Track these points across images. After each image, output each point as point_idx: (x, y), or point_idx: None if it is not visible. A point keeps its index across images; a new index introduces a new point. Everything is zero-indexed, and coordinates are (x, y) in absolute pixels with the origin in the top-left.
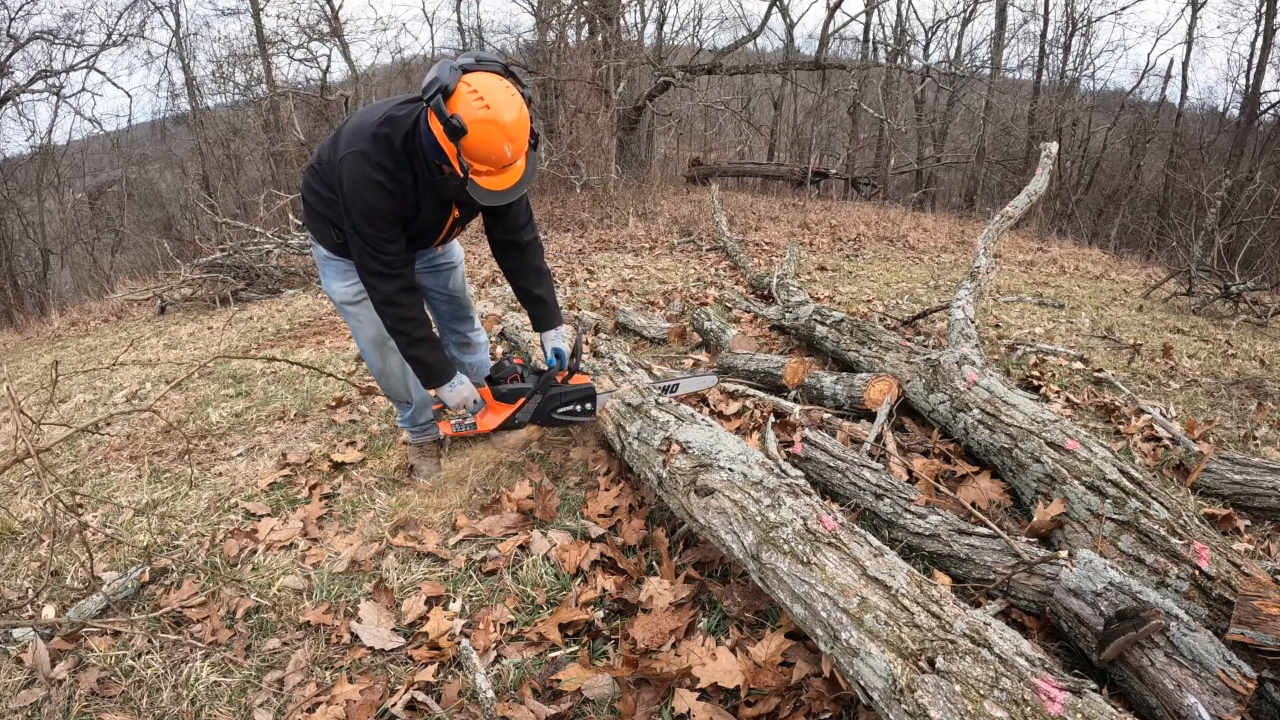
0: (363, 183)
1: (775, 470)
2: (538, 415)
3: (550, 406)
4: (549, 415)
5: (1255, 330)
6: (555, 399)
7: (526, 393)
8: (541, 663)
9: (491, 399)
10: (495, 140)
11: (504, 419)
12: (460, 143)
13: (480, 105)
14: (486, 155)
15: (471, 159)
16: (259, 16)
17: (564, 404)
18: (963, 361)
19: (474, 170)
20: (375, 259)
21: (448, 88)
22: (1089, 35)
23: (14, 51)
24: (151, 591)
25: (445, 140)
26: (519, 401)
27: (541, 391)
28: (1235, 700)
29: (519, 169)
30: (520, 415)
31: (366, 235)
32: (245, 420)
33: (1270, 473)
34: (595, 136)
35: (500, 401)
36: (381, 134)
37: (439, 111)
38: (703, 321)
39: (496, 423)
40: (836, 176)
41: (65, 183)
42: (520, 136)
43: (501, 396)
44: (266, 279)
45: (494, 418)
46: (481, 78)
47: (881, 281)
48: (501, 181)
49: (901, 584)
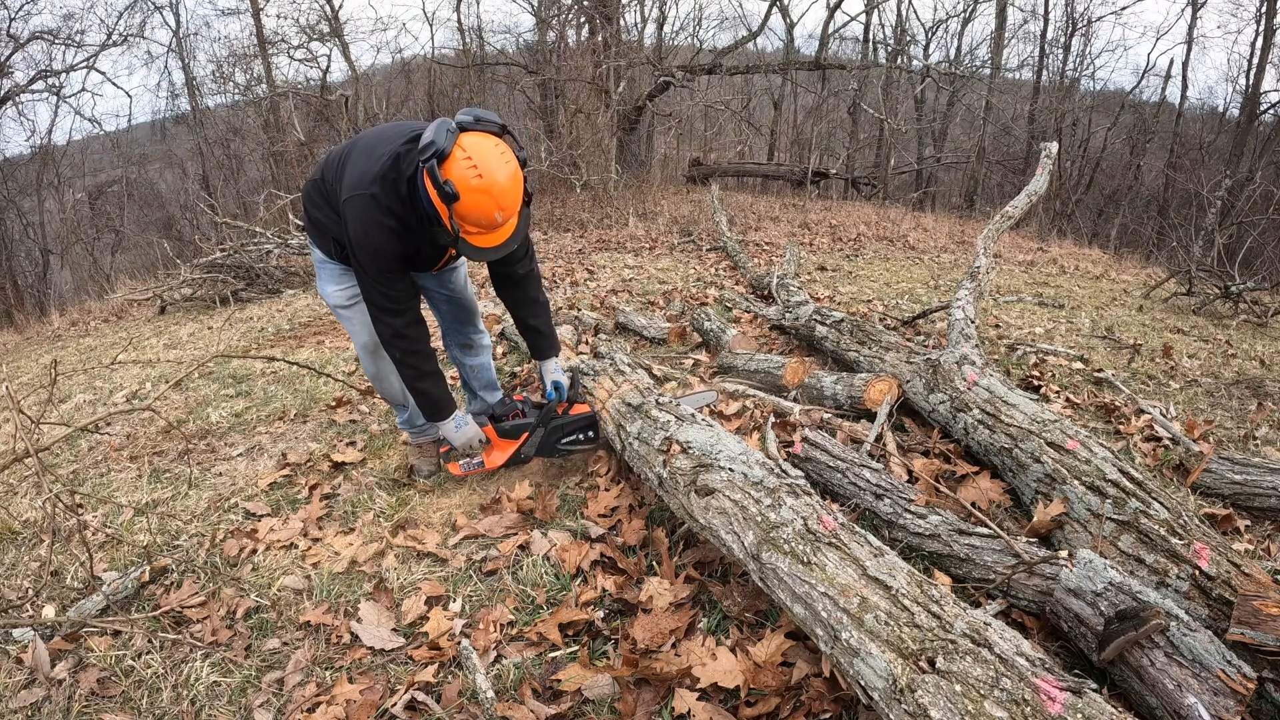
0: (372, 227)
1: (776, 470)
2: (542, 448)
3: (554, 438)
4: (553, 447)
5: (1255, 330)
6: (558, 430)
7: (530, 427)
8: (541, 663)
9: (496, 436)
10: (486, 207)
11: (510, 455)
12: (453, 207)
13: (474, 173)
14: (478, 219)
15: (463, 221)
16: (259, 16)
17: (567, 434)
18: (963, 361)
19: (465, 231)
20: (383, 295)
21: (443, 152)
22: (1089, 35)
23: (14, 51)
24: (151, 591)
25: (439, 203)
26: (523, 437)
27: (544, 424)
28: (1235, 700)
29: (510, 228)
30: (525, 450)
31: (374, 274)
32: (245, 420)
33: (1270, 473)
34: (595, 136)
35: (504, 438)
36: (390, 179)
37: (433, 175)
38: (703, 321)
39: (503, 459)
40: (836, 176)
41: (65, 183)
42: (511, 203)
43: (505, 433)
44: (266, 279)
45: (500, 455)
46: (476, 141)
47: (881, 281)
48: (492, 240)
49: (902, 584)
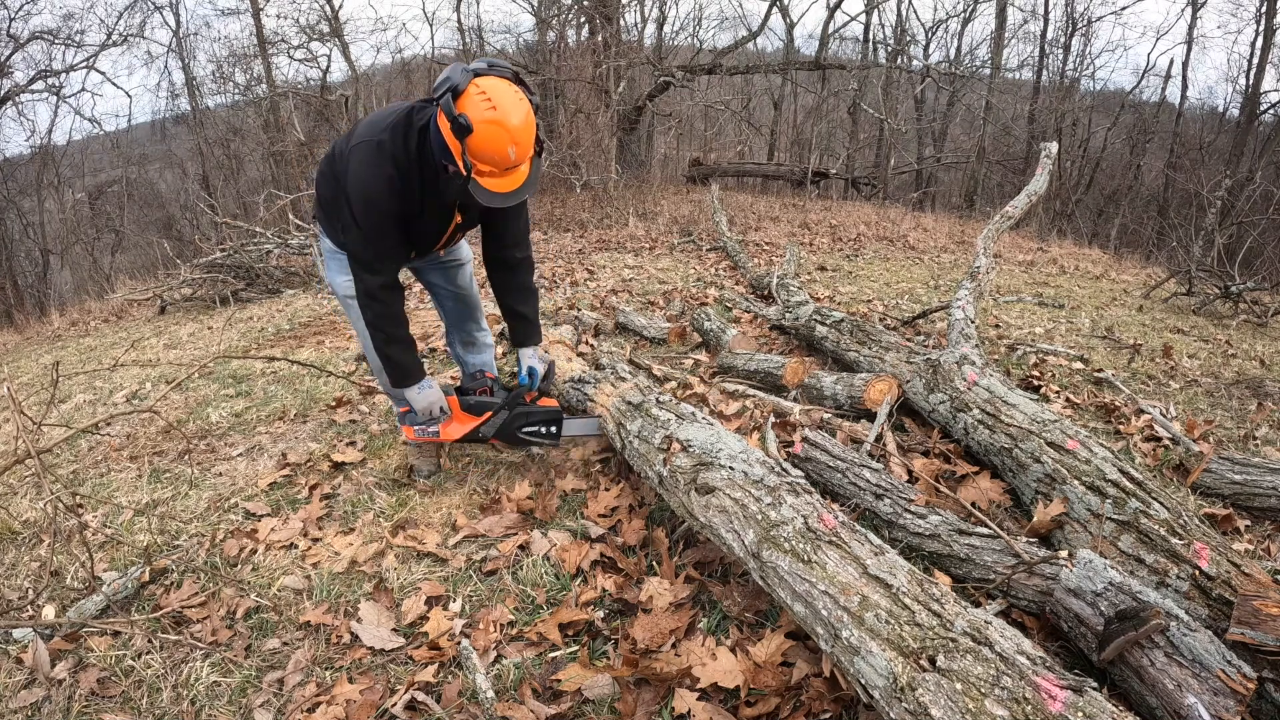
0: (371, 174)
1: (776, 469)
2: (502, 431)
3: (516, 424)
4: (513, 433)
5: (1255, 330)
6: (522, 417)
7: (494, 407)
8: (541, 663)
9: (458, 409)
10: (500, 141)
11: (468, 430)
12: (466, 141)
13: (488, 106)
14: (491, 156)
15: (476, 159)
16: (259, 16)
17: (530, 424)
18: (963, 361)
19: (478, 170)
20: (368, 250)
21: (458, 87)
22: (1089, 35)
23: (14, 51)
24: (151, 591)
25: (451, 138)
26: (485, 415)
27: (509, 408)
28: (1235, 700)
29: (522, 174)
30: (485, 429)
31: (364, 225)
32: (245, 420)
33: (1270, 473)
34: (595, 136)
35: (466, 413)
36: (400, 127)
37: (447, 109)
38: (703, 321)
39: (460, 433)
40: (836, 176)
41: (65, 183)
42: (525, 140)
43: (469, 408)
44: (266, 279)
45: (458, 428)
46: (491, 81)
47: (881, 281)
48: (505, 184)
49: (902, 582)
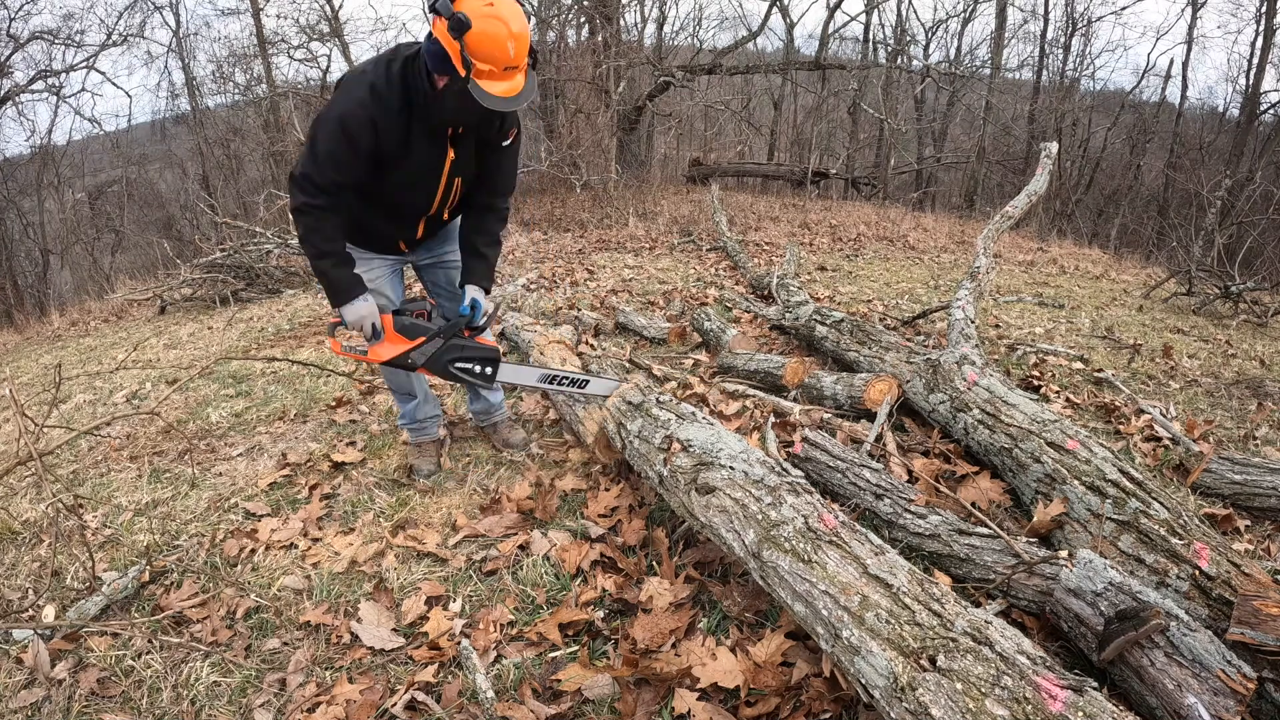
0: (343, 98)
1: (776, 469)
2: (433, 361)
3: (449, 356)
4: (445, 366)
5: (1255, 330)
6: (456, 349)
7: (429, 333)
8: (541, 663)
9: (391, 329)
10: (499, 36)
11: (398, 353)
12: (464, 39)
13: (486, 3)
14: (490, 53)
15: (475, 56)
16: (259, 16)
17: (464, 359)
18: (963, 361)
19: (476, 71)
20: (309, 165)
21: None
22: (1089, 35)
23: (14, 51)
24: (151, 592)
25: (449, 39)
26: (419, 340)
27: (444, 337)
28: (1235, 700)
29: (520, 82)
30: (415, 355)
31: (319, 149)
32: (245, 420)
33: (1270, 473)
34: (595, 136)
35: (399, 334)
36: (383, 60)
37: (445, 9)
38: (703, 321)
39: (390, 354)
40: (836, 176)
41: (65, 183)
42: (523, 39)
43: (403, 329)
44: (266, 279)
45: (389, 348)
46: None
47: (881, 281)
48: (504, 88)
49: (902, 582)
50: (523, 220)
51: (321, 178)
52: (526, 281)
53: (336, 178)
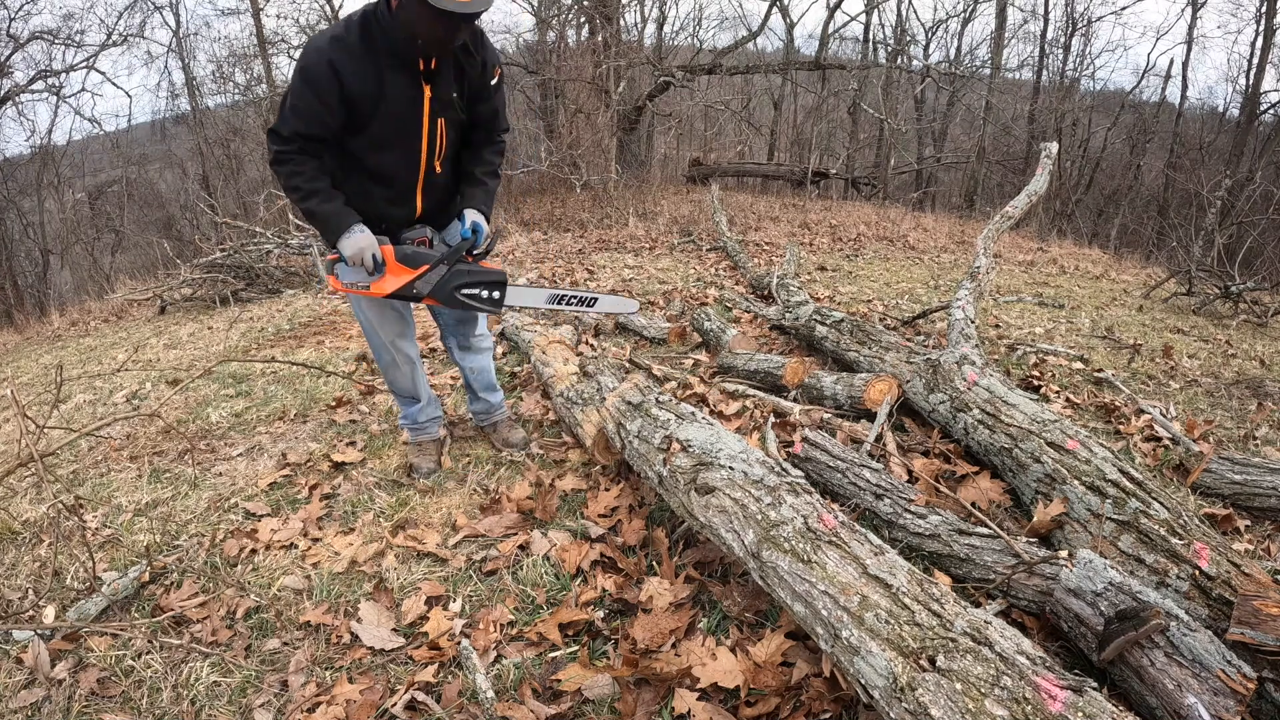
0: (306, 53)
1: (776, 469)
2: (439, 290)
3: (455, 283)
4: (451, 293)
5: (1255, 330)
6: (462, 275)
7: (432, 260)
8: (541, 663)
9: (393, 259)
10: None
11: (402, 284)
12: None
13: None
14: None
15: None
16: (259, 16)
17: (471, 284)
18: (963, 361)
19: None
20: (279, 125)
21: None
22: (1089, 35)
23: (14, 51)
24: (151, 592)
25: None
26: (422, 268)
27: (448, 263)
28: (1235, 700)
29: None
30: (419, 284)
31: (286, 104)
32: (245, 420)
33: (1270, 473)
34: (595, 136)
35: (401, 264)
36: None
37: None
38: (703, 321)
39: (394, 286)
40: (836, 176)
41: (65, 183)
42: None
43: (405, 259)
44: (266, 279)
45: (392, 280)
46: None
47: (881, 281)
48: None
49: (902, 582)
50: (523, 220)
51: (287, 128)
52: (526, 282)
53: (303, 129)
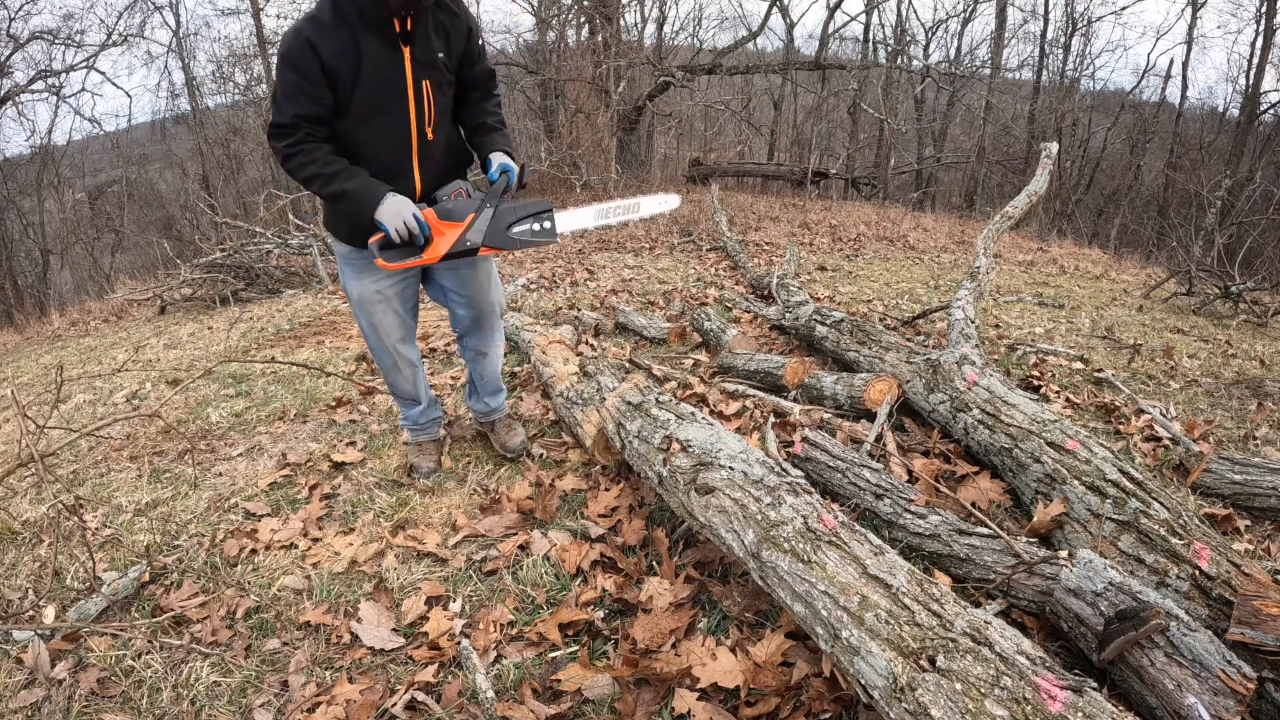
0: (290, 36)
1: (776, 469)
2: (491, 234)
3: (504, 222)
4: (504, 234)
5: (1255, 330)
6: (510, 214)
7: (475, 207)
8: (541, 663)
9: (436, 220)
10: None
11: (454, 242)
12: None
13: None
14: None
15: None
16: (259, 16)
17: (520, 219)
18: (963, 361)
19: None
20: (276, 116)
21: None
22: (1089, 35)
23: (14, 51)
24: (151, 592)
25: None
26: (469, 218)
27: (491, 204)
28: (1235, 700)
29: None
30: (471, 235)
31: (277, 94)
32: (245, 420)
33: (1270, 473)
34: (595, 136)
35: (446, 221)
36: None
37: None
38: (703, 321)
39: (447, 246)
40: (836, 176)
41: (65, 183)
42: None
43: (448, 215)
44: (266, 279)
45: (443, 243)
46: None
47: (881, 281)
48: None
49: (902, 582)
50: None
51: (285, 115)
52: (526, 281)
53: (300, 109)
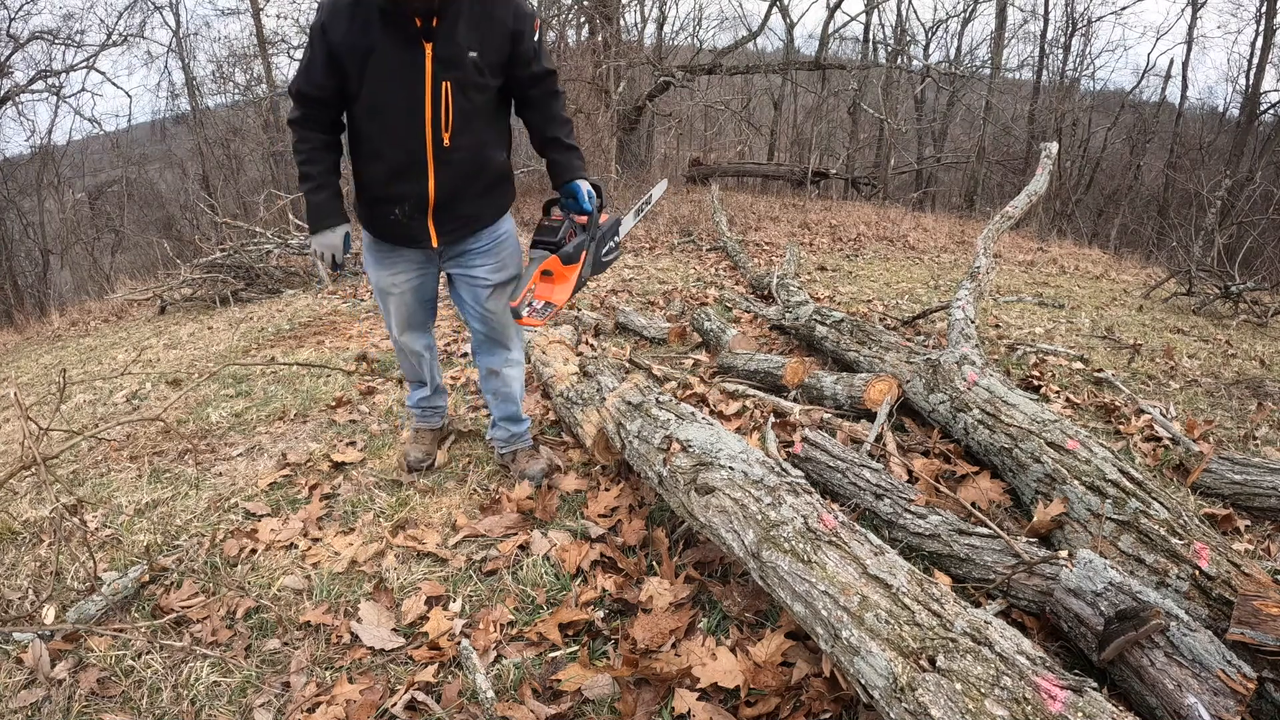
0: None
1: (776, 469)
2: (595, 266)
3: (600, 252)
4: (600, 262)
5: (1255, 330)
6: (603, 242)
7: (586, 245)
8: (541, 663)
9: (561, 266)
10: None
11: (575, 283)
12: None
13: None
14: None
15: None
16: (259, 16)
17: (605, 244)
18: (963, 361)
19: None
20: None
21: None
22: (1089, 35)
23: (14, 51)
24: (152, 592)
25: None
26: (583, 256)
27: (592, 238)
28: (1235, 700)
29: None
30: (584, 272)
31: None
32: (245, 420)
33: (1270, 473)
34: (595, 136)
35: (569, 264)
36: None
37: None
38: (703, 321)
39: (569, 291)
40: (836, 176)
41: (65, 183)
42: None
43: (570, 259)
44: (266, 279)
45: (565, 288)
46: None
47: (881, 281)
48: None
49: (902, 582)
50: (523, 220)
51: (294, 85)
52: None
53: (302, 85)
